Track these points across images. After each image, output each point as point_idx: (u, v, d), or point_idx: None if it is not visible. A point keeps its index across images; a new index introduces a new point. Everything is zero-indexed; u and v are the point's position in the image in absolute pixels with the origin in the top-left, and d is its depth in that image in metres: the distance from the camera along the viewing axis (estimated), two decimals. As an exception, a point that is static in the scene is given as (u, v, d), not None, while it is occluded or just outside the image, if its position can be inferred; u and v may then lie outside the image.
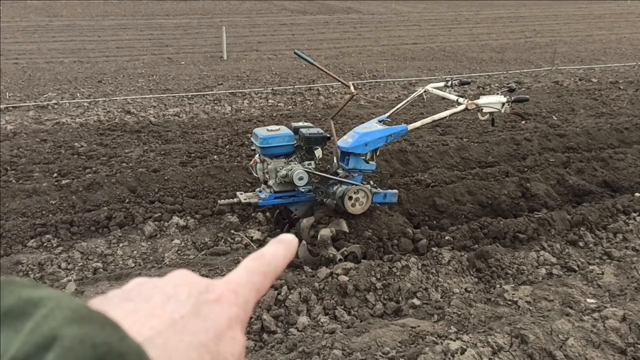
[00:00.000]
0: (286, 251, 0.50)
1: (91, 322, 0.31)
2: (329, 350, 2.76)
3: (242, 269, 0.47)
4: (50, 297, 0.32)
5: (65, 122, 7.05)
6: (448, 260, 3.72)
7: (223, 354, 0.39)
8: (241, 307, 0.43)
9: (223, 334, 0.40)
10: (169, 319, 0.38)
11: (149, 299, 0.39)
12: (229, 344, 0.40)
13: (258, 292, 0.46)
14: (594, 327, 2.92)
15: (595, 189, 4.96)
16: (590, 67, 11.25)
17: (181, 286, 0.41)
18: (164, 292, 0.40)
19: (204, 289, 0.42)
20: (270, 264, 0.48)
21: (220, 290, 0.43)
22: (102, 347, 0.30)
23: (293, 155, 3.98)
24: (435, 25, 18.39)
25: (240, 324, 0.43)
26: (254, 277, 0.46)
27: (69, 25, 16.71)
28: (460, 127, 6.82)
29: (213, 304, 0.41)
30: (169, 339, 0.37)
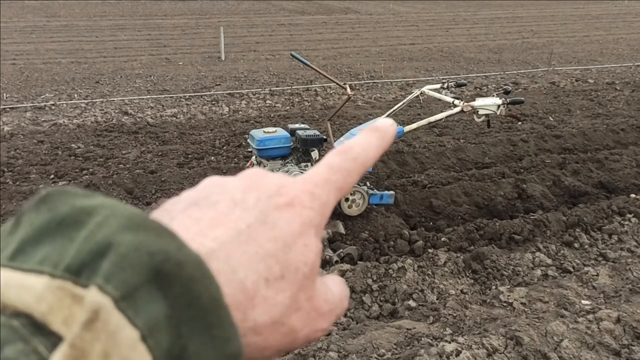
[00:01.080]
0: (380, 141, 0.44)
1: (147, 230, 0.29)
2: (324, 352, 2.77)
3: (323, 165, 0.41)
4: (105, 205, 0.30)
5: (62, 123, 7.05)
6: (444, 262, 3.74)
7: (294, 264, 0.36)
8: (317, 210, 0.39)
9: (294, 242, 0.37)
10: (234, 229, 0.35)
11: (215, 205, 0.37)
12: (301, 252, 0.37)
13: (340, 191, 0.41)
14: (589, 329, 2.94)
15: (590, 190, 4.98)
16: (587, 68, 11.28)
17: (250, 190, 0.38)
18: (232, 198, 0.37)
19: (275, 192, 0.38)
20: (357, 159, 0.42)
21: (294, 193, 0.38)
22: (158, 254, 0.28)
23: (290, 157, 3.99)
24: (432, 25, 18.41)
25: (315, 229, 0.39)
26: (335, 174, 0.41)
27: (66, 26, 16.70)
28: (457, 128, 6.84)
29: (284, 209, 0.37)
30: (232, 251, 0.35)
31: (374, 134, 0.44)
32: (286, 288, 0.36)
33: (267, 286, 0.35)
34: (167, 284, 0.28)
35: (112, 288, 0.27)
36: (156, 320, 0.28)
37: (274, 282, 0.35)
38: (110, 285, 0.27)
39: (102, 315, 0.26)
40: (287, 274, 0.36)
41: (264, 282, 0.35)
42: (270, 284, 0.35)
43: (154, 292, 0.28)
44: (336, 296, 0.42)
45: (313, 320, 0.39)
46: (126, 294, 0.27)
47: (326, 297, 0.40)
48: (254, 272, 0.34)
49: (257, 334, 0.35)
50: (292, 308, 0.37)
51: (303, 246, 0.37)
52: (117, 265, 0.27)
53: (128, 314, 0.27)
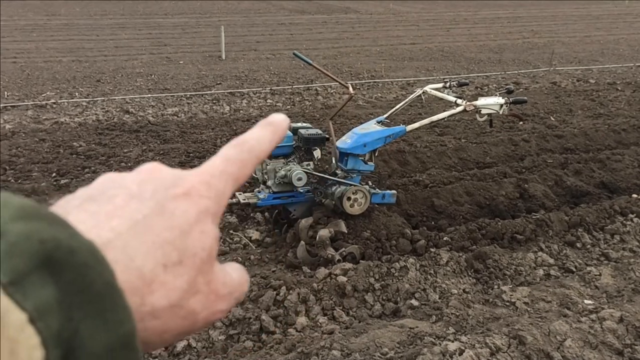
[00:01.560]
0: (273, 135, 0.47)
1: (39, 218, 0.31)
2: (327, 350, 2.77)
3: (218, 157, 0.44)
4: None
5: (63, 121, 7.04)
6: (446, 261, 3.74)
7: (192, 249, 0.38)
8: (213, 199, 0.41)
9: (191, 229, 0.39)
10: (130, 220, 0.37)
11: (112, 199, 0.38)
12: (198, 239, 0.39)
13: (236, 181, 0.44)
14: (592, 329, 2.93)
15: (592, 190, 4.98)
16: (588, 68, 11.28)
17: (147, 182, 0.40)
18: (128, 191, 0.39)
19: (171, 184, 0.40)
20: (252, 150, 0.45)
21: (190, 183, 0.41)
22: (50, 242, 0.30)
23: (292, 155, 3.99)
24: (433, 25, 18.41)
25: (212, 217, 0.41)
26: (231, 165, 0.43)
27: (67, 24, 16.69)
28: (459, 128, 6.84)
29: (180, 199, 0.39)
30: (129, 240, 0.36)
31: (267, 127, 0.47)
32: (184, 273, 0.38)
33: (165, 272, 0.37)
34: (58, 270, 0.30)
35: (1, 274, 0.28)
36: (46, 304, 0.29)
37: (172, 268, 0.37)
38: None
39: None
40: (185, 259, 0.38)
41: (162, 268, 0.36)
42: (168, 269, 0.37)
43: (45, 277, 0.29)
44: (235, 280, 0.44)
45: (212, 302, 0.41)
46: (15, 280, 0.28)
47: (224, 280, 0.42)
48: (151, 259, 0.36)
49: (156, 318, 0.37)
50: (190, 292, 0.38)
51: (200, 233, 0.39)
52: (6, 252, 0.28)
53: (16, 298, 0.28)
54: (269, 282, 3.38)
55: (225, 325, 3.14)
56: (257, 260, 3.91)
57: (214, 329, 3.11)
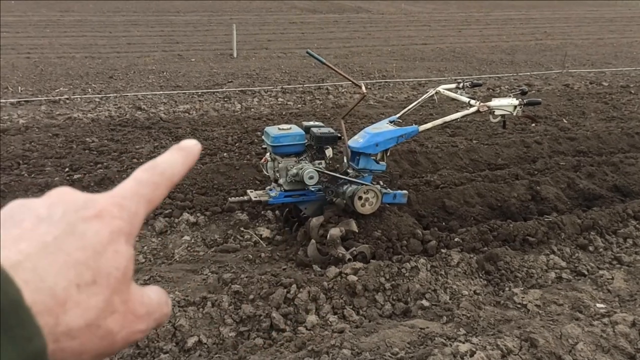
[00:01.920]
0: (185, 159, 0.47)
1: None
2: (337, 349, 2.77)
3: (130, 179, 0.44)
4: None
5: (76, 117, 7.09)
6: (457, 262, 3.73)
7: (106, 269, 0.38)
8: (126, 219, 0.41)
9: (104, 249, 0.39)
10: (40, 242, 0.37)
11: (20, 224, 0.38)
12: (112, 258, 0.39)
13: (149, 204, 0.44)
14: (604, 332, 2.91)
15: (605, 194, 4.94)
16: (601, 71, 11.20)
17: (56, 205, 0.40)
18: (37, 215, 0.39)
19: (82, 206, 0.40)
20: (164, 173, 0.45)
21: (101, 205, 0.41)
22: None
23: (304, 154, 3.99)
24: (445, 25, 18.35)
25: (125, 237, 0.41)
26: (143, 188, 0.44)
27: (80, 21, 16.79)
28: (470, 129, 6.81)
29: (92, 220, 0.40)
30: (39, 262, 0.36)
31: (179, 152, 0.47)
32: (99, 292, 0.38)
33: (79, 291, 0.36)
34: None
35: None
36: None
37: (86, 287, 0.37)
38: None
39: None
40: (99, 279, 0.38)
41: (75, 288, 0.36)
42: (82, 289, 0.37)
43: None
44: (154, 300, 0.44)
45: (130, 322, 0.41)
46: None
47: (142, 300, 0.42)
48: (63, 279, 0.36)
49: (72, 338, 0.37)
50: (107, 311, 0.38)
51: (114, 252, 0.39)
52: None
53: None
54: (280, 280, 3.38)
55: (235, 322, 3.15)
56: (267, 258, 3.92)
57: (224, 325, 3.12)
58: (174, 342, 3.01)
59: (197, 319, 3.13)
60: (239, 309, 3.20)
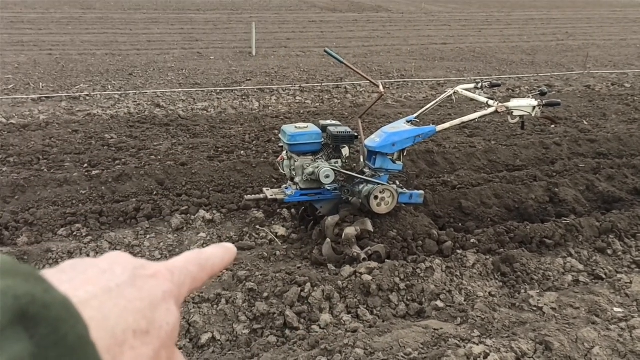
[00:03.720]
0: (224, 255, 0.53)
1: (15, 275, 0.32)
2: (351, 348, 2.77)
3: (180, 257, 0.49)
4: None
5: (96, 113, 7.17)
6: (473, 264, 3.70)
7: (159, 322, 0.41)
8: (176, 285, 0.45)
9: (158, 304, 0.42)
10: (105, 286, 0.39)
11: (84, 272, 0.40)
12: (165, 314, 0.42)
13: (194, 281, 0.48)
14: (621, 337, 2.88)
15: (625, 197, 4.87)
16: (624, 72, 11.03)
17: (116, 264, 0.43)
18: (99, 268, 0.42)
19: (139, 266, 0.44)
20: (208, 260, 0.51)
21: (157, 268, 0.45)
22: (24, 297, 0.31)
23: (320, 153, 3.99)
24: (465, 25, 18.22)
25: (175, 300, 0.44)
26: (191, 265, 0.49)
27: (101, 18, 16.98)
28: (489, 130, 6.76)
29: (148, 278, 0.43)
30: (104, 302, 0.38)
31: (221, 248, 0.54)
32: (150, 342, 0.40)
33: (134, 337, 0.39)
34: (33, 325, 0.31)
35: None
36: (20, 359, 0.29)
37: (140, 335, 0.39)
38: None
39: None
40: (152, 330, 0.40)
41: (132, 333, 0.39)
42: (137, 336, 0.39)
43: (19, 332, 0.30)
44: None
45: None
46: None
47: None
48: (123, 322, 0.38)
49: None
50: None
51: (166, 310, 0.42)
52: None
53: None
54: (294, 279, 3.39)
55: (249, 319, 3.17)
56: (282, 256, 3.93)
57: (238, 322, 3.13)
58: (188, 338, 3.04)
59: (211, 315, 3.16)
60: (252, 307, 3.22)
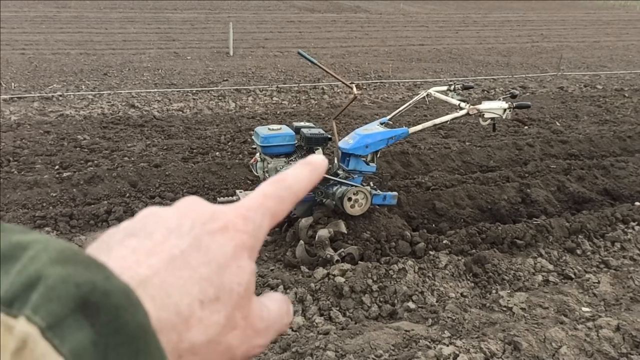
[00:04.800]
0: (311, 174, 0.47)
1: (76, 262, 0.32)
2: (322, 351, 2.77)
3: (257, 191, 0.45)
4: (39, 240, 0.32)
5: (69, 114, 7.07)
6: (445, 265, 3.73)
7: (228, 285, 0.39)
8: (250, 233, 0.42)
9: (227, 264, 0.39)
10: (168, 256, 0.38)
11: (151, 235, 0.39)
12: (235, 274, 0.40)
13: (273, 217, 0.44)
14: (588, 336, 2.92)
15: (595, 197, 4.96)
16: (596, 74, 11.22)
17: (185, 217, 0.41)
18: (167, 226, 0.40)
19: (209, 218, 0.41)
20: (291, 187, 0.46)
21: (227, 218, 0.41)
22: (85, 285, 0.30)
23: (294, 154, 3.99)
24: (442, 27, 18.36)
25: (248, 251, 0.42)
26: (269, 200, 0.44)
27: (76, 17, 16.75)
28: (463, 131, 6.82)
29: (217, 233, 0.40)
30: (166, 277, 0.37)
31: (306, 167, 0.47)
32: (221, 308, 0.38)
33: (202, 308, 0.37)
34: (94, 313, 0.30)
35: (40, 318, 0.29)
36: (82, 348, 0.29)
37: (208, 304, 0.38)
38: (37, 316, 0.29)
39: (29, 344, 0.28)
40: (221, 295, 0.38)
41: (198, 304, 0.37)
42: (205, 305, 0.37)
43: (81, 321, 0.30)
44: (273, 313, 0.44)
45: (250, 337, 0.41)
46: (53, 324, 0.29)
47: (262, 314, 0.43)
48: (188, 295, 0.37)
49: (194, 354, 0.37)
50: (228, 327, 0.39)
51: (237, 268, 0.40)
52: (45, 296, 0.29)
53: (54, 343, 0.29)
54: (267, 281, 3.38)
55: (221, 322, 3.15)
56: (255, 259, 3.91)
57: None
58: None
59: (183, 318, 3.13)
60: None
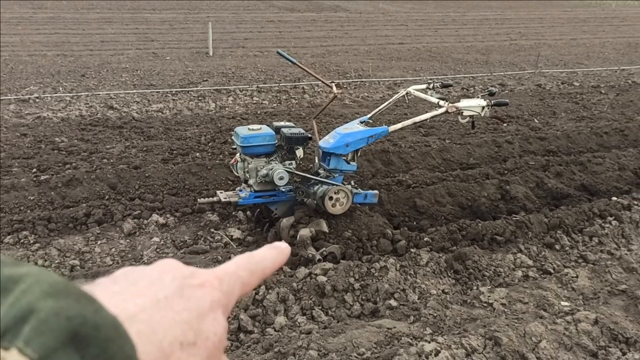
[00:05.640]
0: (277, 256, 0.53)
1: (67, 295, 0.32)
2: (304, 350, 2.77)
3: (231, 262, 0.49)
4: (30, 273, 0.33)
5: (46, 116, 6.97)
6: (426, 262, 3.75)
7: (205, 333, 0.41)
8: (224, 293, 0.45)
9: (205, 314, 0.42)
10: (153, 298, 0.40)
11: (135, 283, 0.41)
12: (212, 324, 0.42)
13: (243, 286, 0.48)
14: (567, 330, 2.96)
15: (573, 193, 5.02)
16: (573, 71, 11.38)
17: (166, 272, 0.43)
18: (149, 277, 0.42)
19: (189, 275, 0.44)
20: (259, 263, 0.50)
21: (205, 277, 0.44)
22: (76, 318, 0.31)
23: (274, 154, 3.98)
24: (422, 25, 18.47)
25: (223, 309, 0.44)
26: (240, 270, 0.48)
27: (53, 18, 16.52)
28: (443, 128, 6.86)
29: (196, 288, 0.43)
30: (152, 315, 0.38)
31: (273, 250, 0.53)
32: (197, 354, 0.40)
33: (181, 349, 0.39)
34: (84, 345, 0.31)
35: (31, 350, 0.29)
36: None
37: (187, 347, 0.40)
38: (29, 348, 0.29)
39: None
40: (199, 341, 0.41)
41: (179, 345, 0.39)
42: (184, 347, 0.39)
43: (71, 353, 0.31)
44: None
45: None
46: (44, 356, 0.29)
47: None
48: (171, 334, 0.39)
49: None
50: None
51: (213, 319, 0.43)
52: (36, 329, 0.30)
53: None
54: (249, 281, 3.36)
55: (203, 324, 3.13)
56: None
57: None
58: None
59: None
60: None
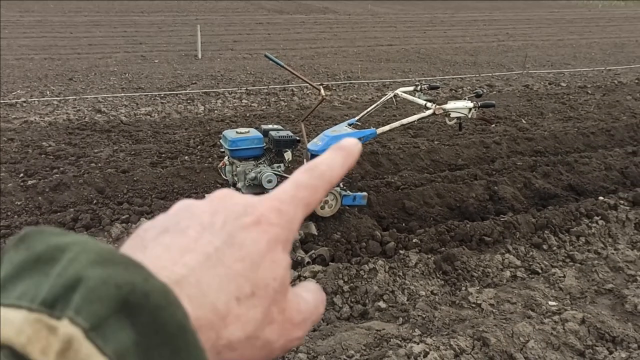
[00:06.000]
0: (345, 160, 0.46)
1: (115, 263, 0.32)
2: (293, 353, 2.77)
3: (289, 182, 0.44)
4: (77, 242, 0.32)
5: (33, 120, 6.92)
6: (415, 263, 3.77)
7: (263, 280, 0.39)
8: (283, 226, 0.41)
9: (262, 259, 0.39)
10: (203, 253, 0.38)
11: (185, 231, 0.39)
12: (269, 269, 0.39)
13: (307, 207, 0.43)
14: (554, 330, 2.99)
15: (560, 193, 5.06)
16: (560, 72, 11.46)
17: (218, 212, 0.40)
18: (200, 222, 0.40)
19: (242, 212, 0.40)
20: (323, 175, 0.44)
21: (260, 211, 0.41)
22: (125, 286, 0.31)
23: (262, 157, 3.98)
24: (410, 27, 18.53)
25: (282, 245, 0.41)
26: (302, 191, 0.43)
27: (40, 21, 16.42)
28: (432, 130, 6.89)
29: (250, 228, 0.40)
30: (202, 275, 0.37)
31: (339, 152, 0.46)
32: (258, 304, 0.38)
33: (238, 305, 0.37)
34: (134, 314, 0.31)
35: (82, 319, 0.29)
36: (124, 348, 0.30)
37: (245, 300, 0.38)
38: (80, 317, 0.29)
39: (74, 345, 0.28)
40: (257, 290, 0.38)
41: (235, 302, 0.37)
42: (241, 302, 0.37)
43: (122, 321, 0.30)
44: (310, 304, 0.44)
45: (287, 330, 0.41)
46: (95, 325, 0.29)
47: (299, 307, 0.42)
48: (224, 293, 0.37)
49: (232, 350, 0.38)
50: (265, 322, 0.39)
51: (271, 262, 0.39)
52: (86, 298, 0.30)
53: (97, 343, 0.29)
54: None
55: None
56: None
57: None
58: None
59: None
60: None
